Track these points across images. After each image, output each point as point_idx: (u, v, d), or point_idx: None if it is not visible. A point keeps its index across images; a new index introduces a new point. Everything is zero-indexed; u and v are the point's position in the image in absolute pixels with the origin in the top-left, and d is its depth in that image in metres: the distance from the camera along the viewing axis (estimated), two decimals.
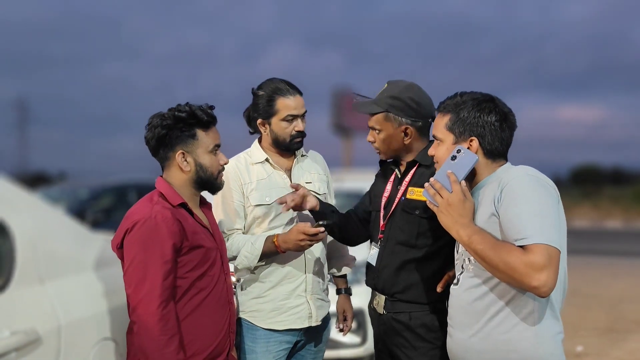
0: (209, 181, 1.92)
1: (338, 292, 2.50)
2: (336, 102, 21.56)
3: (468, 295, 1.70)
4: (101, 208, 7.30)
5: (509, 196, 1.59)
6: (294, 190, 2.18)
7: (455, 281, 1.79)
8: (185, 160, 1.86)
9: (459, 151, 1.71)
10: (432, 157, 1.85)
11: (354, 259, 2.54)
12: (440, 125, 1.79)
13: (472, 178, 1.76)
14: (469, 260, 1.72)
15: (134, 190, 7.17)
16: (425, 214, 2.09)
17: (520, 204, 1.57)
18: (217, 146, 1.92)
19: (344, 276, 2.52)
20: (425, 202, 2.10)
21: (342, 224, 2.32)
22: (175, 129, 1.84)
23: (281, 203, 2.16)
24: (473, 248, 1.60)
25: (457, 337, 1.74)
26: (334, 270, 2.49)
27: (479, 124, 1.73)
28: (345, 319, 2.46)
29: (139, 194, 1.74)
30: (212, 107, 1.92)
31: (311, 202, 2.20)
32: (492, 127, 1.73)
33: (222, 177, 1.98)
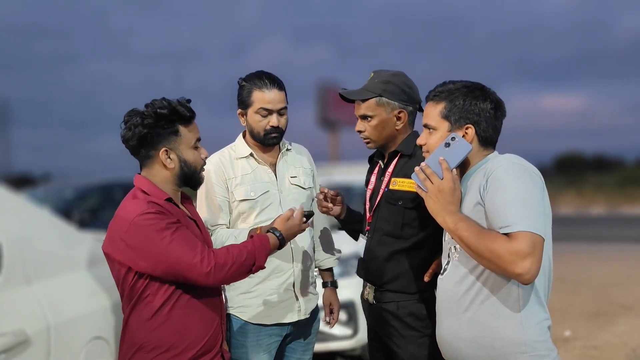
0: (193, 176, 1.90)
1: (324, 285, 2.51)
2: (321, 97, 21.51)
3: (454, 283, 1.71)
4: (87, 208, 7.24)
5: (494, 184, 1.60)
6: (323, 197, 2.28)
7: (442, 270, 1.80)
8: (169, 157, 1.84)
9: (453, 139, 1.70)
10: (421, 146, 1.84)
11: (340, 251, 2.56)
12: (433, 114, 1.77)
13: (462, 167, 1.76)
14: (455, 249, 1.73)
15: (120, 189, 7.11)
16: (409, 205, 2.11)
17: (505, 192, 1.57)
18: (198, 140, 1.91)
19: (330, 269, 2.53)
20: (408, 192, 2.12)
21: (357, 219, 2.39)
22: (157, 127, 1.81)
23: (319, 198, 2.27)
24: (459, 235, 1.61)
25: (445, 325, 1.76)
26: (320, 263, 2.50)
27: (475, 111, 1.72)
28: (331, 312, 2.48)
29: (124, 193, 1.75)
30: (189, 101, 1.89)
31: (336, 211, 2.30)
32: (488, 115, 1.73)
33: (203, 172, 1.96)
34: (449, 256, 1.77)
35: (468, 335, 1.68)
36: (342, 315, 3.98)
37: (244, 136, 2.37)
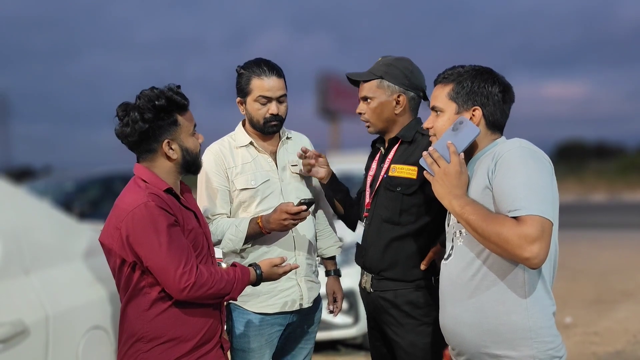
0: (194, 163, 1.90)
1: (327, 273, 2.50)
2: (322, 86, 21.45)
3: (459, 269, 1.69)
4: (88, 200, 7.24)
5: (502, 168, 1.58)
6: (303, 155, 2.25)
7: (445, 256, 1.78)
8: (171, 148, 1.82)
9: (461, 122, 1.69)
10: (422, 134, 1.83)
11: (342, 240, 2.55)
12: (441, 96, 1.76)
13: (469, 151, 1.75)
14: (460, 233, 1.71)
15: (120, 181, 7.11)
16: (407, 191, 2.10)
17: (514, 176, 1.56)
18: (195, 126, 1.89)
19: (333, 258, 2.52)
20: (406, 178, 2.11)
21: (349, 204, 2.36)
22: (157, 119, 1.78)
23: (300, 157, 2.24)
24: (465, 219, 1.59)
25: (448, 311, 1.74)
26: (323, 252, 2.49)
27: (483, 93, 1.71)
28: (335, 301, 2.47)
29: (125, 185, 1.73)
30: (178, 87, 1.86)
31: (321, 173, 2.27)
32: (495, 98, 1.72)
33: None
34: (452, 241, 1.75)
35: (472, 320, 1.66)
36: (344, 304, 3.98)
37: (243, 125, 2.35)
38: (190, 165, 1.88)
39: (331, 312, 2.47)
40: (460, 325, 1.69)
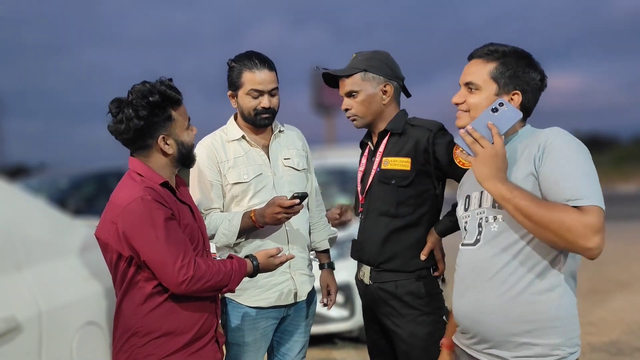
0: (189, 156, 1.89)
1: (321, 267, 2.50)
2: (316, 81, 21.42)
3: (490, 255, 1.62)
4: (83, 196, 7.22)
5: (554, 156, 1.53)
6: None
7: (471, 241, 1.68)
8: (167, 143, 1.81)
9: (501, 104, 1.60)
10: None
11: (336, 233, 2.55)
12: (480, 72, 1.66)
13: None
14: (494, 219, 1.63)
15: (114, 177, 7.07)
16: (402, 183, 2.10)
17: (570, 165, 1.52)
18: (189, 119, 1.88)
19: (327, 251, 2.52)
20: (400, 170, 2.11)
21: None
22: (152, 115, 1.77)
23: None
24: (514, 204, 1.50)
25: (469, 297, 1.66)
26: (316, 245, 2.49)
27: (525, 79, 1.65)
28: (329, 294, 2.47)
29: (119, 181, 1.74)
30: (170, 80, 1.84)
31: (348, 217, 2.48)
32: (535, 85, 1.67)
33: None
34: (480, 226, 1.66)
35: (501, 307, 1.59)
36: (339, 297, 3.99)
37: (235, 118, 2.34)
38: (186, 158, 1.88)
39: (325, 305, 2.47)
40: (485, 313, 1.62)
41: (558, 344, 1.56)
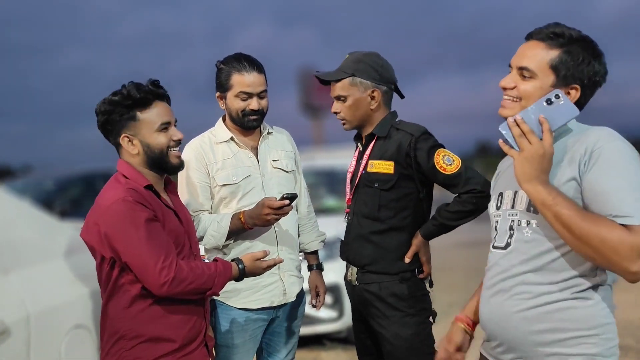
0: (161, 160, 1.84)
1: (309, 268, 2.51)
2: (304, 82, 21.44)
3: (521, 261, 1.49)
4: (69, 198, 7.16)
5: (602, 163, 1.38)
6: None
7: (501, 244, 1.54)
8: (132, 143, 1.81)
9: (557, 96, 1.41)
10: (504, 89, 1.50)
11: (324, 234, 2.56)
12: (540, 58, 1.46)
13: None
14: (527, 224, 1.48)
15: (101, 179, 7.03)
16: (385, 186, 2.12)
17: (620, 176, 1.37)
18: (166, 123, 1.83)
19: (315, 252, 2.53)
20: (384, 174, 2.12)
21: None
22: (114, 113, 1.79)
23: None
24: (555, 211, 1.36)
25: (496, 303, 1.54)
26: (305, 246, 2.49)
27: (589, 73, 1.46)
28: (317, 295, 2.48)
29: (106, 183, 1.74)
30: (154, 83, 1.84)
31: None
32: (596, 80, 1.47)
33: (177, 155, 1.87)
34: (511, 229, 1.52)
35: (533, 315, 1.47)
36: (328, 298, 3.99)
37: (223, 120, 2.34)
38: (157, 162, 1.84)
39: (314, 306, 2.48)
40: (514, 320, 1.49)
41: (596, 353, 1.44)
